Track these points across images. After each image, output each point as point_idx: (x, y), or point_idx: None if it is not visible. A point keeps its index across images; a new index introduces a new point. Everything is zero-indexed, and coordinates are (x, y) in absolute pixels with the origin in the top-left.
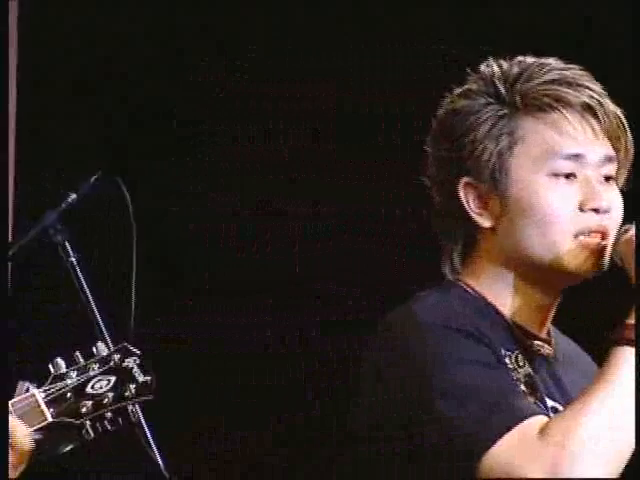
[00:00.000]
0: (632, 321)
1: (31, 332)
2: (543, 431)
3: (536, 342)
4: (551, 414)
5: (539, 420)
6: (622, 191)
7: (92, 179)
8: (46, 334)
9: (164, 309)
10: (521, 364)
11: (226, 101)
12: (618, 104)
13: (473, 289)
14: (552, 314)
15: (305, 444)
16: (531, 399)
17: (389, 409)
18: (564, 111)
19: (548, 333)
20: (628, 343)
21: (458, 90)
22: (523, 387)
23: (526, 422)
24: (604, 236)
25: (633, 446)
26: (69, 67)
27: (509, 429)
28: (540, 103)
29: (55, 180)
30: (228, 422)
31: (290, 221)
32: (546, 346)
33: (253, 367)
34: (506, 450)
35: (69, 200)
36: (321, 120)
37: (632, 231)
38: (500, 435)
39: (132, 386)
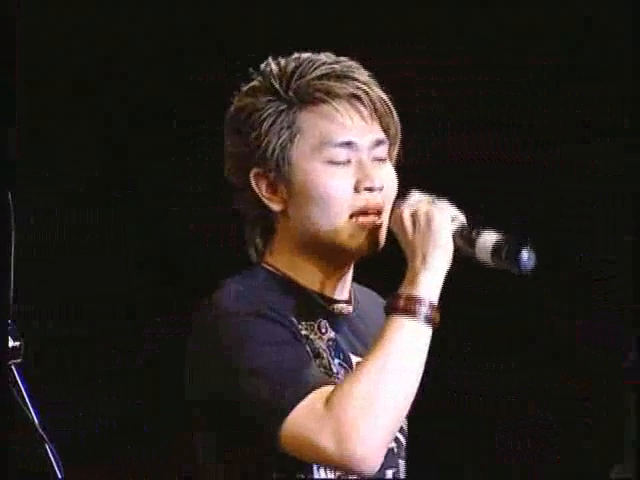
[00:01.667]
0: (404, 291)
1: None
2: (328, 400)
3: (336, 305)
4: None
5: (327, 389)
6: (397, 168)
7: None
8: None
9: (164, 309)
10: (324, 331)
11: (226, 101)
12: (608, 102)
13: (276, 268)
14: (349, 277)
15: None
16: (337, 361)
17: (203, 389)
18: (333, 102)
19: (349, 293)
20: (400, 312)
21: (244, 88)
22: (328, 351)
23: (313, 393)
24: (379, 213)
25: (409, 403)
26: (69, 67)
27: (300, 400)
28: (312, 97)
29: (55, 180)
30: None
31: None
32: (346, 306)
33: None
34: (298, 421)
35: None
36: None
37: (402, 206)
38: (293, 406)
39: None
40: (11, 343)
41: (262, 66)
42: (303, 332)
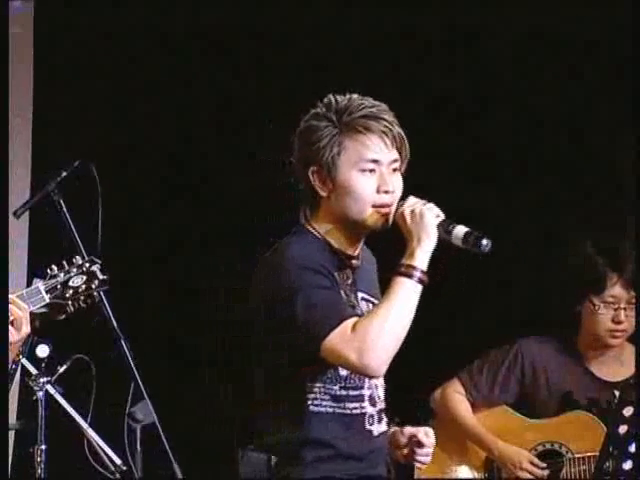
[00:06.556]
0: (404, 261)
1: (42, 251)
2: (354, 329)
3: (353, 261)
4: (362, 302)
5: (353, 320)
6: (403, 175)
7: (75, 163)
8: (50, 252)
9: (164, 309)
10: (345, 278)
11: (226, 101)
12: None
13: (317, 231)
14: (362, 242)
15: None
16: (352, 295)
17: (271, 315)
18: (368, 134)
19: (358, 251)
20: (401, 275)
21: (311, 112)
22: (349, 290)
23: (345, 323)
24: (390, 206)
25: (405, 333)
26: (69, 67)
27: (336, 327)
28: (355, 129)
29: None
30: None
31: (290, 220)
32: (357, 262)
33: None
34: (333, 341)
35: (62, 175)
36: None
37: (404, 206)
38: (332, 330)
39: (96, 281)
40: (101, 276)
41: (325, 100)
42: (338, 280)
